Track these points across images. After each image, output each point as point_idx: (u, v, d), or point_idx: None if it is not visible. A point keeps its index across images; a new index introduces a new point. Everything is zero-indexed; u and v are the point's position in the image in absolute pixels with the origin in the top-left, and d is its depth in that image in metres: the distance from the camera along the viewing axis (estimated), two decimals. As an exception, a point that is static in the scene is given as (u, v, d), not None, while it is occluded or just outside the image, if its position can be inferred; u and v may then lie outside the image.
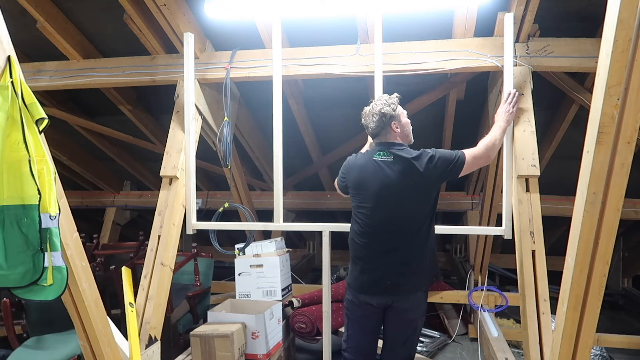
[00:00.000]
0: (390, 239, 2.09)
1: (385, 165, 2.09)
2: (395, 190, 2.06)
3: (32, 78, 3.24)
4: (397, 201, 2.07)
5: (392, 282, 2.08)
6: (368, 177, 2.13)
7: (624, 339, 3.43)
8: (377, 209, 2.11)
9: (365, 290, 2.14)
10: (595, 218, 1.64)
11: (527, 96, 2.65)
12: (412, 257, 2.08)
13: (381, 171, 2.09)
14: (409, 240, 2.07)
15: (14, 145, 1.65)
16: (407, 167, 2.05)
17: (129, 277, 2.79)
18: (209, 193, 5.19)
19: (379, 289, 2.11)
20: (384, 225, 2.10)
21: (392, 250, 2.08)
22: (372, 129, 2.16)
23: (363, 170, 2.16)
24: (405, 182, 2.05)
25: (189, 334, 2.76)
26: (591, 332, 1.78)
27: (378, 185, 2.09)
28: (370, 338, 2.24)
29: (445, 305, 4.27)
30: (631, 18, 1.40)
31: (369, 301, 2.14)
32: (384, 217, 2.10)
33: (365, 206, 2.14)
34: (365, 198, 2.14)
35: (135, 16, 2.82)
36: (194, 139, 2.98)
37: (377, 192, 2.09)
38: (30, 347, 2.65)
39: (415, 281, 2.10)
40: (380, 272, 2.10)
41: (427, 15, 2.73)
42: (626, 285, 5.08)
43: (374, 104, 2.16)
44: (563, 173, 3.80)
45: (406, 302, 2.11)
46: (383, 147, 2.14)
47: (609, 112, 1.51)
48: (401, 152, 2.09)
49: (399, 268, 2.07)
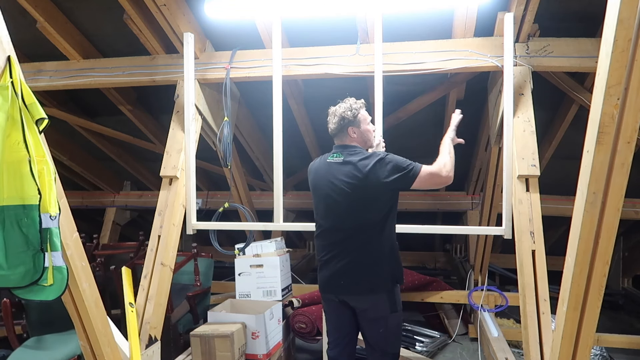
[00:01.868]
0: (341, 241, 2.11)
1: (335, 166, 2.14)
2: (342, 191, 2.09)
3: (32, 78, 3.24)
4: (345, 203, 2.09)
5: (344, 282, 2.11)
6: (320, 179, 2.20)
7: (624, 339, 3.43)
8: (327, 211, 2.16)
9: (323, 288, 2.22)
10: (595, 218, 1.64)
11: (527, 96, 2.65)
12: (365, 259, 2.08)
13: (330, 173, 2.14)
14: (361, 242, 2.08)
15: (14, 146, 1.65)
16: (353, 169, 2.08)
17: (129, 277, 2.79)
18: (209, 193, 5.20)
19: (334, 287, 2.16)
20: (334, 227, 2.14)
21: (343, 251, 2.10)
22: (331, 129, 2.22)
23: (317, 172, 2.24)
24: (350, 185, 2.07)
25: (189, 334, 2.76)
26: (591, 332, 1.78)
27: (327, 187, 2.14)
28: (344, 333, 2.25)
29: (445, 305, 4.27)
30: (631, 18, 1.40)
31: (331, 297, 2.21)
32: (333, 219, 2.14)
33: (318, 208, 2.22)
34: (318, 200, 2.22)
35: (135, 16, 2.82)
36: (194, 139, 2.98)
37: (326, 193, 2.15)
38: (30, 347, 2.65)
39: (370, 282, 2.08)
40: (334, 272, 2.12)
41: (427, 15, 2.73)
42: (626, 285, 5.08)
43: (338, 106, 2.21)
44: (563, 173, 3.80)
45: (363, 303, 2.12)
46: (337, 149, 2.20)
47: (609, 112, 1.51)
48: (352, 154, 2.12)
49: (351, 269, 2.09)
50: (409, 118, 3.65)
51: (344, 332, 2.26)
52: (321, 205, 2.20)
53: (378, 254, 2.09)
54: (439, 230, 2.98)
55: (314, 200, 2.26)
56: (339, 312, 2.21)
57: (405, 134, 3.95)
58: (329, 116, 2.24)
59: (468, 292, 3.86)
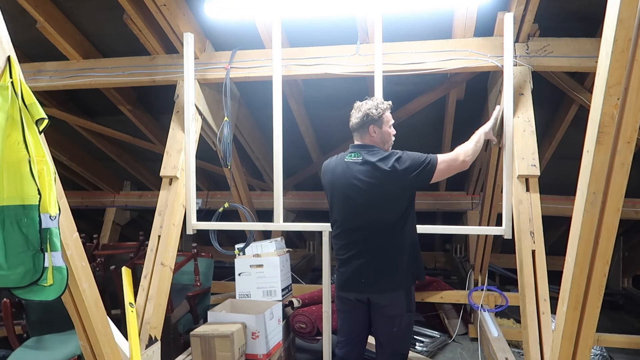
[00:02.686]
0: (361, 240, 2.13)
1: (354, 166, 2.14)
2: (362, 191, 2.10)
3: (32, 78, 3.24)
4: (364, 202, 2.11)
5: (366, 280, 2.13)
6: (338, 179, 2.20)
7: (624, 339, 3.43)
8: (346, 210, 2.17)
9: (342, 287, 2.23)
10: (595, 218, 1.64)
11: (527, 96, 2.65)
12: (385, 257, 2.11)
13: (349, 172, 2.15)
14: (381, 241, 2.10)
15: (14, 146, 1.65)
16: (373, 167, 2.09)
17: (129, 277, 2.79)
18: (209, 193, 5.19)
19: (354, 286, 2.18)
20: (354, 226, 2.15)
21: (364, 250, 2.12)
22: (353, 123, 2.22)
23: (334, 172, 2.23)
24: (370, 183, 2.08)
25: (189, 334, 2.76)
26: (591, 332, 1.78)
27: (346, 186, 2.15)
28: (357, 332, 2.27)
29: (446, 305, 4.27)
30: (631, 18, 1.40)
31: (348, 297, 2.22)
32: (353, 218, 2.15)
33: (337, 207, 2.22)
34: (335, 199, 2.22)
35: (135, 16, 2.82)
36: (194, 139, 2.98)
37: (345, 192, 2.16)
38: (30, 347, 2.65)
39: (391, 280, 2.11)
40: (355, 271, 2.14)
41: (427, 15, 2.73)
42: (626, 285, 5.08)
43: (365, 102, 2.22)
44: (563, 173, 3.80)
45: (383, 300, 2.15)
46: (355, 149, 2.20)
47: (609, 112, 1.51)
48: (370, 154, 2.14)
49: (372, 267, 2.11)
50: (409, 118, 3.64)
51: (356, 333, 2.28)
52: (340, 204, 2.20)
53: (398, 252, 2.11)
54: (439, 230, 2.98)
55: (330, 199, 2.26)
56: (355, 311, 2.23)
57: (405, 134, 3.93)
58: (352, 110, 2.24)
59: (468, 292, 3.86)
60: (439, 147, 3.99)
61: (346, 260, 2.18)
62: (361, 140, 2.21)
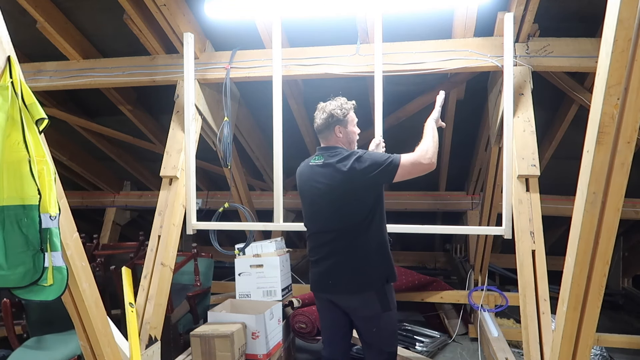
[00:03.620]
0: (328, 242, 2.12)
1: (316, 169, 2.15)
2: (323, 194, 2.10)
3: (32, 78, 3.24)
4: (327, 206, 2.11)
5: (332, 281, 2.12)
6: (304, 183, 2.22)
7: (624, 339, 3.43)
8: (313, 214, 2.19)
9: (314, 287, 2.24)
10: (595, 218, 1.64)
11: (527, 96, 2.65)
12: (352, 259, 2.07)
13: (312, 176, 2.16)
14: (346, 242, 2.07)
15: (14, 146, 1.65)
16: (333, 171, 2.08)
17: (129, 277, 2.79)
18: (209, 193, 5.19)
19: (323, 287, 2.18)
20: (320, 229, 2.16)
21: (330, 252, 2.11)
22: (318, 125, 2.20)
23: (301, 176, 2.25)
24: (330, 185, 2.07)
25: (189, 334, 2.75)
26: (591, 332, 1.78)
27: (310, 190, 2.17)
28: (336, 330, 2.26)
29: (445, 305, 4.27)
30: (631, 18, 1.40)
31: (323, 296, 2.23)
32: (319, 222, 2.17)
33: (305, 210, 2.25)
34: (304, 202, 2.25)
35: (135, 16, 2.82)
36: (194, 139, 2.98)
37: (310, 197, 2.18)
38: (30, 347, 2.65)
39: (359, 281, 2.07)
40: (323, 273, 2.14)
41: (427, 15, 2.73)
42: (626, 285, 5.08)
43: (328, 103, 2.21)
44: (563, 173, 3.80)
45: (353, 301, 2.13)
46: (319, 152, 2.21)
47: (609, 112, 1.51)
48: (332, 156, 2.12)
49: (338, 269, 2.10)
50: (409, 118, 3.65)
51: (337, 330, 2.27)
52: (306, 208, 2.23)
53: (365, 253, 2.07)
54: (439, 230, 2.98)
55: (302, 202, 2.27)
56: (330, 310, 2.22)
57: (405, 134, 3.94)
58: (317, 111, 2.21)
59: (468, 292, 3.86)
60: (439, 147, 3.98)
61: (316, 262, 2.18)
62: (326, 141, 2.19)
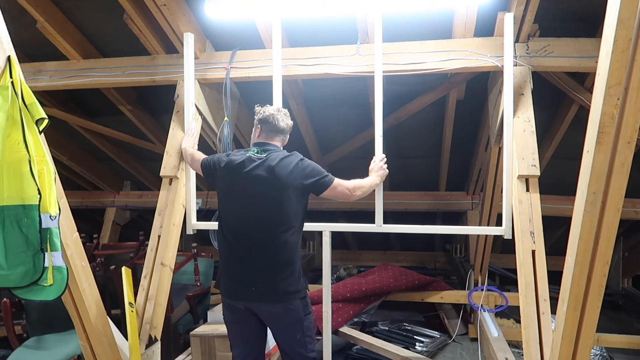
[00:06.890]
0: (252, 243, 2.03)
1: (257, 162, 2.08)
2: (260, 189, 2.04)
3: (32, 78, 3.24)
4: (260, 201, 2.04)
5: (257, 288, 2.02)
6: (239, 174, 2.08)
7: (624, 339, 3.43)
8: (242, 207, 2.08)
9: (229, 294, 2.11)
10: (595, 218, 1.64)
11: (527, 96, 2.65)
12: (279, 265, 2.02)
13: (252, 169, 2.07)
14: (271, 246, 2.02)
15: (14, 146, 1.65)
16: (275, 165, 2.04)
17: (129, 277, 2.78)
18: (209, 193, 5.18)
19: (243, 294, 2.06)
20: (247, 226, 2.05)
21: (255, 255, 2.03)
22: (280, 126, 2.18)
23: (236, 166, 2.11)
24: (269, 181, 2.03)
25: (189, 334, 2.76)
26: (591, 332, 1.78)
27: (246, 183, 2.07)
28: (252, 343, 2.17)
29: (445, 305, 4.27)
30: (631, 18, 1.40)
31: (237, 305, 2.09)
32: (247, 217, 2.06)
33: (232, 203, 2.11)
34: (232, 194, 2.12)
35: (135, 16, 2.82)
36: (194, 139, 2.97)
37: (244, 189, 2.07)
38: (30, 347, 2.65)
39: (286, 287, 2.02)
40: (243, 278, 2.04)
41: (427, 15, 2.73)
42: (626, 285, 5.08)
43: (285, 113, 2.23)
44: (563, 173, 3.80)
45: (278, 308, 2.04)
46: (259, 146, 2.17)
47: (609, 112, 1.51)
48: (275, 152, 2.12)
49: (265, 275, 2.01)
50: (409, 118, 3.64)
51: (253, 343, 2.17)
52: (232, 200, 2.11)
53: (293, 258, 2.04)
54: (439, 230, 2.98)
55: (224, 193, 2.15)
56: (246, 320, 2.11)
57: (405, 134, 3.95)
58: (281, 113, 2.21)
59: (468, 292, 3.86)
60: (439, 147, 3.99)
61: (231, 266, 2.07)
62: (272, 140, 2.19)
